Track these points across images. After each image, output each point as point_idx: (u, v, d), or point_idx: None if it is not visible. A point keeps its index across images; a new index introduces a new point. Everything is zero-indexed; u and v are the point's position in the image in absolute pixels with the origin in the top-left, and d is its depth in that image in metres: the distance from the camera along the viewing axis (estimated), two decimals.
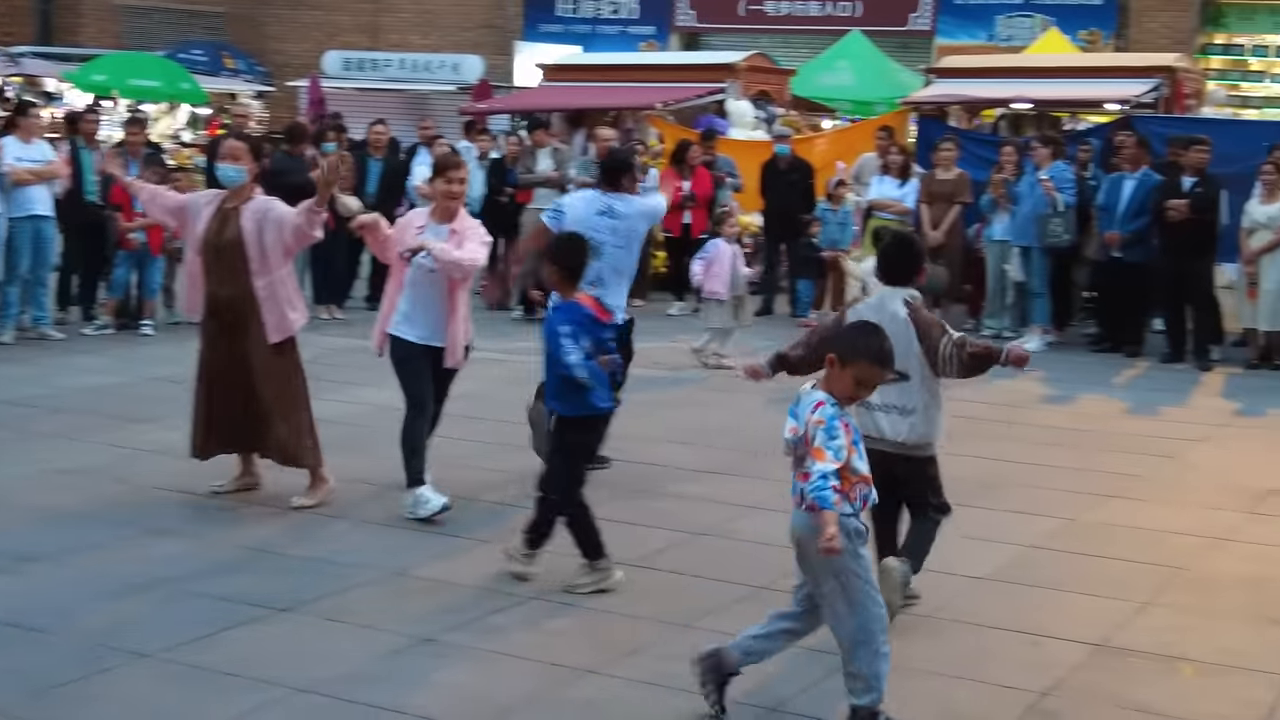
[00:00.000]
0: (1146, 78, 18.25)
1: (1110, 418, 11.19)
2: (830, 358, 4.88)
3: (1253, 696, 5.51)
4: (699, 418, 10.10)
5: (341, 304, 15.58)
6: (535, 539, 6.67)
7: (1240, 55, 24.83)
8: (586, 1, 29.28)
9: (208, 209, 7.79)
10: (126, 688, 5.30)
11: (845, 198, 15.63)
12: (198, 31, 30.97)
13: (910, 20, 26.12)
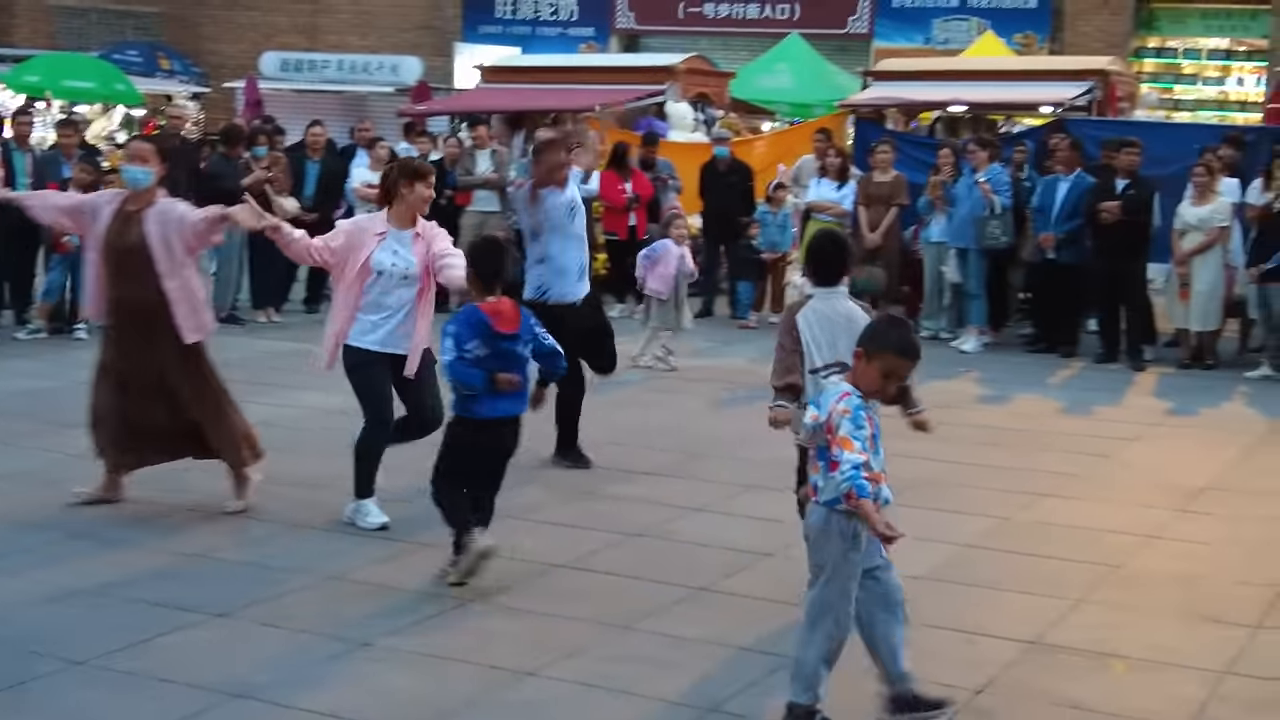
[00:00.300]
0: (1080, 81, 18.43)
1: (1045, 417, 11.29)
2: (857, 351, 4.90)
3: (1184, 693, 5.57)
4: (639, 419, 10.13)
5: (280, 307, 15.53)
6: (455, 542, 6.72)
7: (1173, 59, 25.09)
8: (525, 2, 29.27)
9: (108, 209, 7.67)
10: (59, 694, 5.27)
11: (784, 200, 15.71)
12: (132, 32, 30.76)
13: (848, 23, 26.26)
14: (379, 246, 7.51)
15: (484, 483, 6.86)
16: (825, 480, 4.74)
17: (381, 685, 5.43)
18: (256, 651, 5.76)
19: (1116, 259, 13.49)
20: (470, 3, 29.65)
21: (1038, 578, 6.98)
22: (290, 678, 5.46)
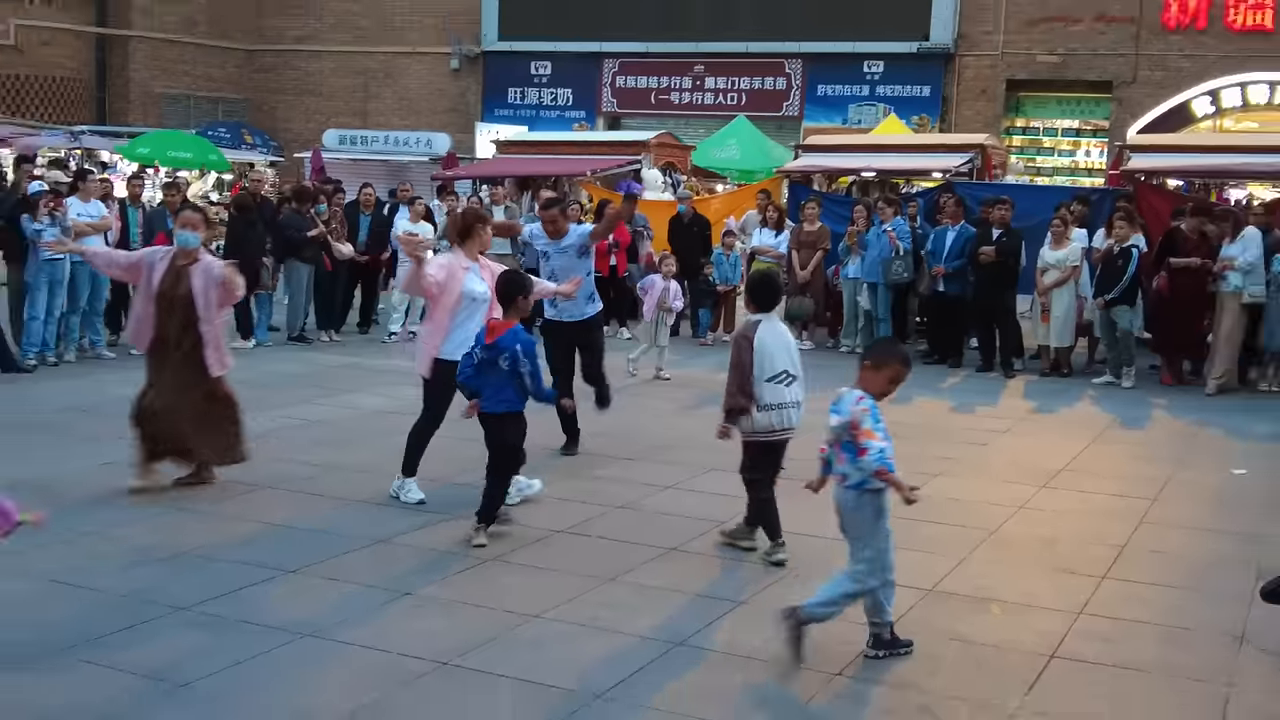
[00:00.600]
0: (963, 153, 18.46)
1: (937, 414, 11.29)
2: (866, 364, 5.29)
3: (1048, 628, 5.63)
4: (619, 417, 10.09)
5: (338, 329, 15.46)
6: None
7: (1035, 135, 25.19)
8: (531, 91, 29.24)
9: (161, 264, 7.67)
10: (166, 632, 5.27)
11: (734, 245, 15.73)
12: (222, 114, 30.72)
13: (783, 108, 26.28)
14: (468, 277, 7.49)
15: (490, 466, 6.87)
16: (853, 467, 4.98)
17: (420, 626, 5.45)
18: (321, 600, 5.78)
19: (992, 291, 13.56)
20: (488, 91, 29.60)
21: (931, 540, 6.98)
22: (348, 620, 5.49)
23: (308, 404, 10.87)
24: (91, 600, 5.66)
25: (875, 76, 25.97)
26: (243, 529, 6.94)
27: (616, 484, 8.18)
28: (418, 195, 17.68)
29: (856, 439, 4.99)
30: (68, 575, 6.00)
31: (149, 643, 5.17)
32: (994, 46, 24.98)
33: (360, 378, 12.39)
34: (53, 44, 28.95)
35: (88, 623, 5.37)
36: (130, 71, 30.36)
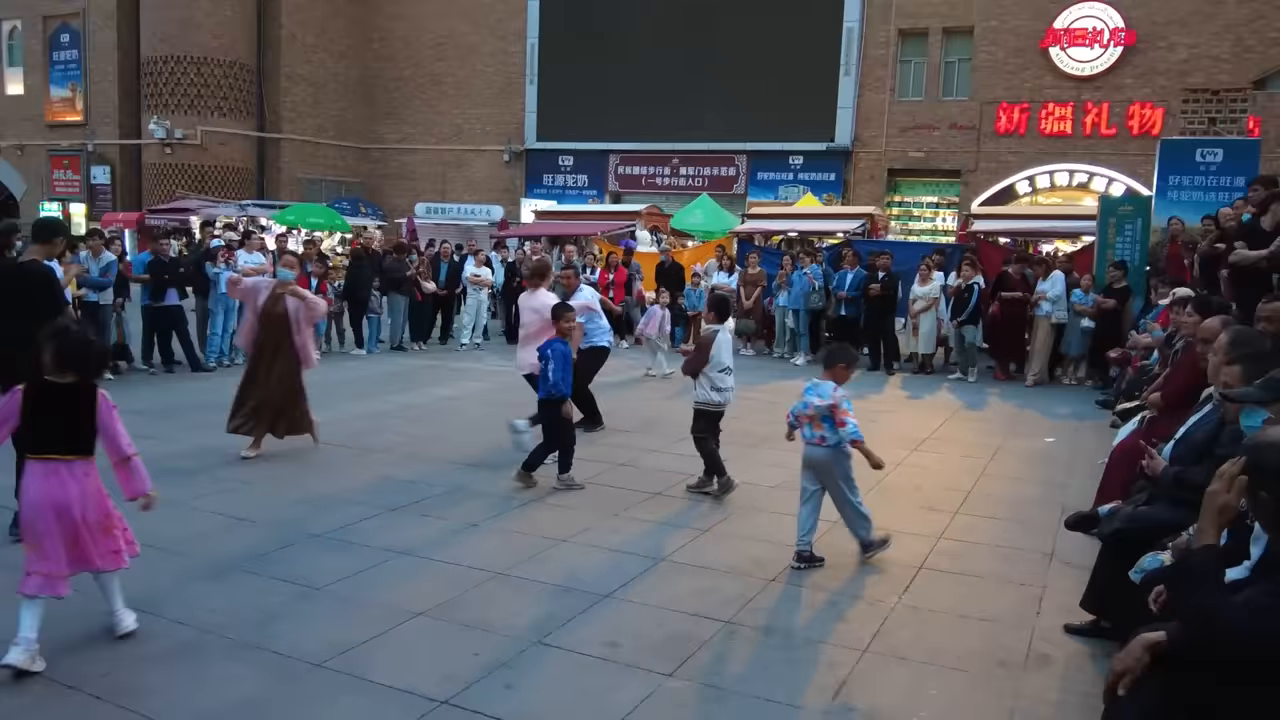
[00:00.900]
0: (858, 219, 18.55)
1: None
2: (840, 365, 5.60)
3: (917, 549, 5.65)
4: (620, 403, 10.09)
5: (425, 341, 15.44)
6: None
7: (908, 207, 25.23)
8: (559, 176, 29.29)
9: (265, 291, 7.60)
10: (303, 554, 5.28)
11: (699, 283, 15.70)
12: (345, 192, 30.68)
13: (733, 188, 26.37)
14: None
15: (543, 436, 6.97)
16: (832, 434, 5.25)
17: (482, 547, 5.46)
18: (413, 529, 5.78)
19: (878, 315, 13.56)
20: (529, 176, 29.66)
21: None
22: (432, 543, 5.50)
23: (403, 393, 10.89)
24: (252, 531, 5.68)
25: (797, 166, 26.02)
26: (357, 480, 6.92)
27: (619, 448, 8.17)
28: (480, 248, 17.76)
29: (836, 416, 5.24)
30: (236, 513, 6.01)
31: (293, 560, 5.19)
32: (879, 146, 25.03)
33: (439, 375, 12.40)
34: (228, 144, 28.89)
35: (251, 546, 5.39)
36: (281, 162, 30.33)
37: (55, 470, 3.88)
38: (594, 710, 3.62)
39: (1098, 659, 4.13)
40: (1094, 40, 22.39)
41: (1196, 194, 12.87)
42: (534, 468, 6.84)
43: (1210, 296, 6.73)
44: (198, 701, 3.59)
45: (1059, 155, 22.97)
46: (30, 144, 31.62)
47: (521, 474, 6.83)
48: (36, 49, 31.15)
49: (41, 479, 3.87)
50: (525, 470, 6.82)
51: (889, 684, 3.92)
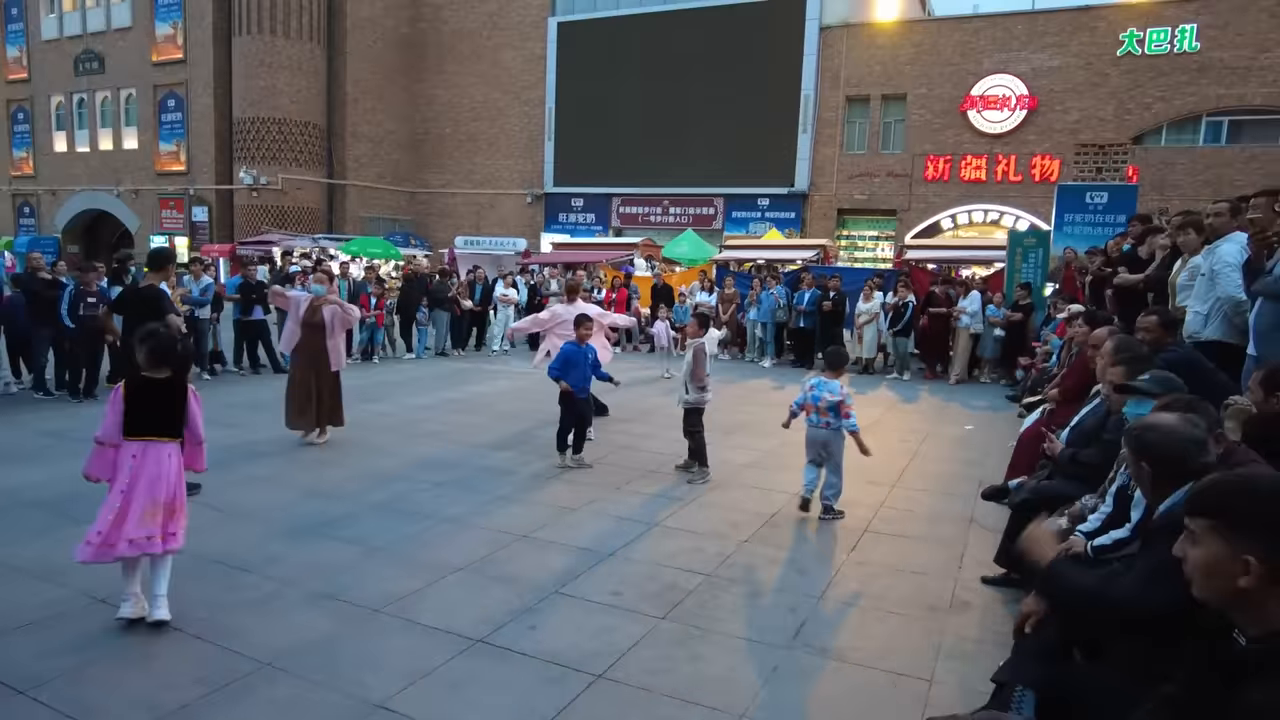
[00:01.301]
0: (813, 249, 18.56)
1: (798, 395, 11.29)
2: (841, 367, 5.82)
3: (862, 515, 5.63)
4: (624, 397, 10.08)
5: (464, 348, 15.40)
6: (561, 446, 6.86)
7: (854, 239, 25.17)
8: (572, 215, 29.21)
9: (304, 303, 7.40)
10: (374, 520, 5.25)
11: (685, 301, 15.67)
12: (398, 228, 30.61)
13: (712, 224, 26.28)
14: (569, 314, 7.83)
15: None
16: (837, 422, 5.55)
17: (509, 514, 5.43)
18: (455, 499, 5.74)
19: (829, 326, 13.50)
20: (548, 214, 29.55)
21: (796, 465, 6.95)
22: (470, 511, 5.47)
23: (446, 390, 10.86)
24: (322, 501, 5.65)
25: (764, 207, 25.97)
26: (409, 459, 6.90)
27: (621, 434, 8.15)
28: (510, 272, 17.71)
29: (842, 409, 5.55)
30: (309, 486, 5.99)
31: (356, 525, 5.16)
32: (830, 190, 24.99)
33: (476, 375, 12.36)
34: (303, 189, 28.82)
35: (322, 513, 5.37)
36: (346, 203, 30.24)
37: (148, 448, 3.78)
38: (602, 646, 3.61)
39: (1008, 604, 4.13)
40: (1004, 104, 22.42)
41: (1087, 229, 12.91)
42: (563, 448, 6.84)
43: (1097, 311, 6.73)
44: (279, 640, 3.58)
45: (976, 197, 22.98)
46: (143, 189, 31.54)
47: (560, 456, 6.83)
48: (149, 112, 31.09)
49: (140, 456, 3.76)
50: (560, 451, 6.83)
51: (840, 625, 3.91)
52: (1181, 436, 2.39)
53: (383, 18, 30.41)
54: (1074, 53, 21.61)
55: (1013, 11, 22.65)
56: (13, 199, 36.15)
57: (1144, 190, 17.66)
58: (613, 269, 18.52)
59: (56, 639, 3.54)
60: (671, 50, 26.61)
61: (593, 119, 28.24)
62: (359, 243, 23.57)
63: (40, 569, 4.27)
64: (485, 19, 30.08)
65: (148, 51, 30.57)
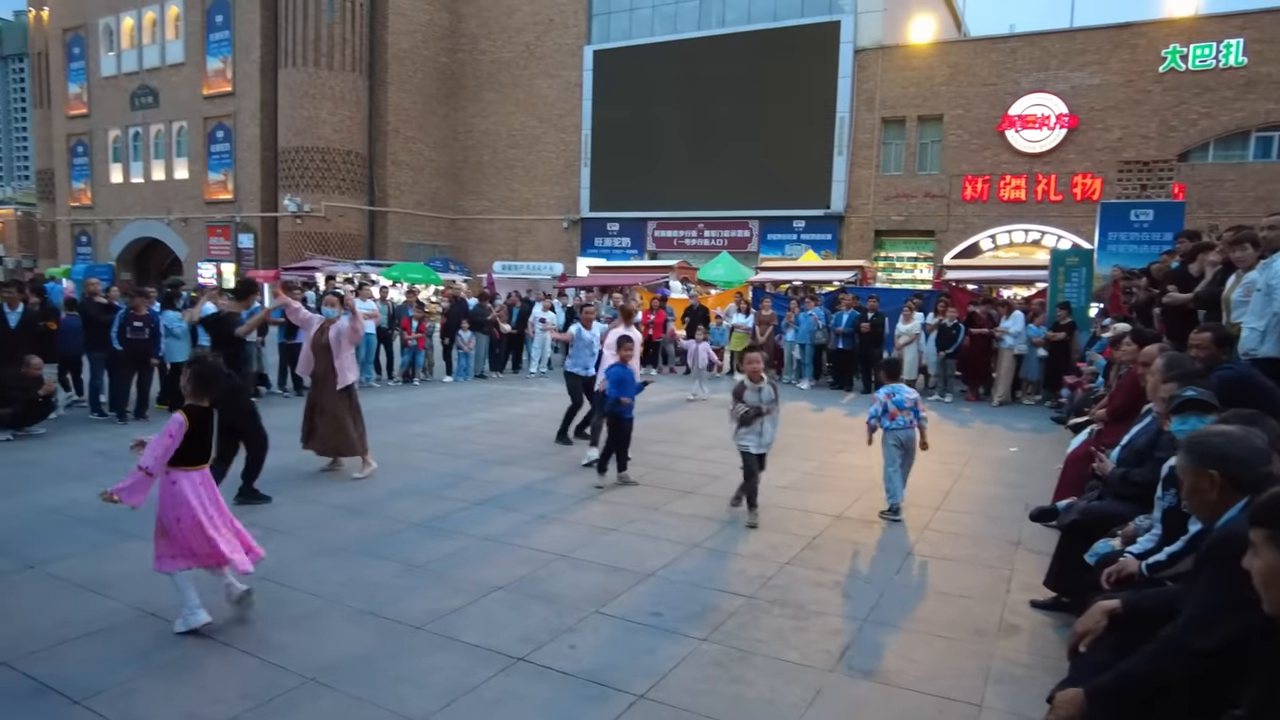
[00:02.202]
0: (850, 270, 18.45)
1: (838, 417, 11.13)
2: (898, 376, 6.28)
3: (902, 537, 5.52)
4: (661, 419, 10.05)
5: (502, 370, 15.53)
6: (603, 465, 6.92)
7: (891, 260, 24.97)
8: (608, 238, 29.43)
9: (317, 324, 7.23)
10: (409, 539, 5.27)
11: (721, 323, 15.68)
12: (438, 254, 31.11)
13: (747, 247, 26.27)
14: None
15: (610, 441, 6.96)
16: (916, 420, 6.05)
17: (549, 534, 5.43)
18: (494, 519, 5.76)
19: (869, 347, 13.40)
20: (584, 239, 29.80)
21: (837, 487, 6.91)
22: (509, 530, 5.47)
23: (484, 411, 10.94)
24: (365, 520, 5.71)
25: (800, 229, 25.91)
26: (447, 479, 6.94)
27: (658, 455, 8.12)
28: (548, 294, 17.87)
29: (919, 406, 6.06)
30: (351, 505, 6.05)
31: (398, 543, 5.20)
32: (867, 211, 24.86)
33: (513, 397, 12.44)
34: (345, 216, 29.46)
35: (364, 532, 5.42)
36: (388, 230, 30.82)
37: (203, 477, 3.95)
38: (643, 667, 3.58)
39: (1059, 628, 4.02)
40: (1043, 124, 22.17)
41: (1131, 247, 12.65)
42: (605, 468, 6.86)
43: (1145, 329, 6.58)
44: (322, 656, 3.61)
45: (1015, 217, 22.68)
46: (192, 216, 32.51)
47: (600, 476, 6.84)
48: (198, 143, 32.11)
49: (197, 485, 3.89)
50: (600, 471, 6.85)
51: (885, 648, 3.83)
52: (1248, 443, 2.33)
53: (422, 48, 31.13)
54: (1114, 70, 21.33)
55: (1050, 31, 22.46)
56: (71, 228, 37.49)
57: (1191, 207, 17.28)
58: (649, 292, 18.60)
59: (109, 651, 3.62)
60: (706, 75, 26.82)
61: (627, 144, 28.52)
62: (400, 268, 24.00)
63: (93, 582, 4.37)
64: (522, 48, 30.64)
65: (199, 85, 31.64)
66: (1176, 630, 2.16)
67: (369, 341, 12.98)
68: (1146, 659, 2.18)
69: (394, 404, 11.44)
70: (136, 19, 33.62)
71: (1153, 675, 2.15)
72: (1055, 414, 10.88)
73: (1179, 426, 3.26)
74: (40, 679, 3.36)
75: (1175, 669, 2.11)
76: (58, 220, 38.45)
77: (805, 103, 25.26)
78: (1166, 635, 2.17)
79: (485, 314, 14.94)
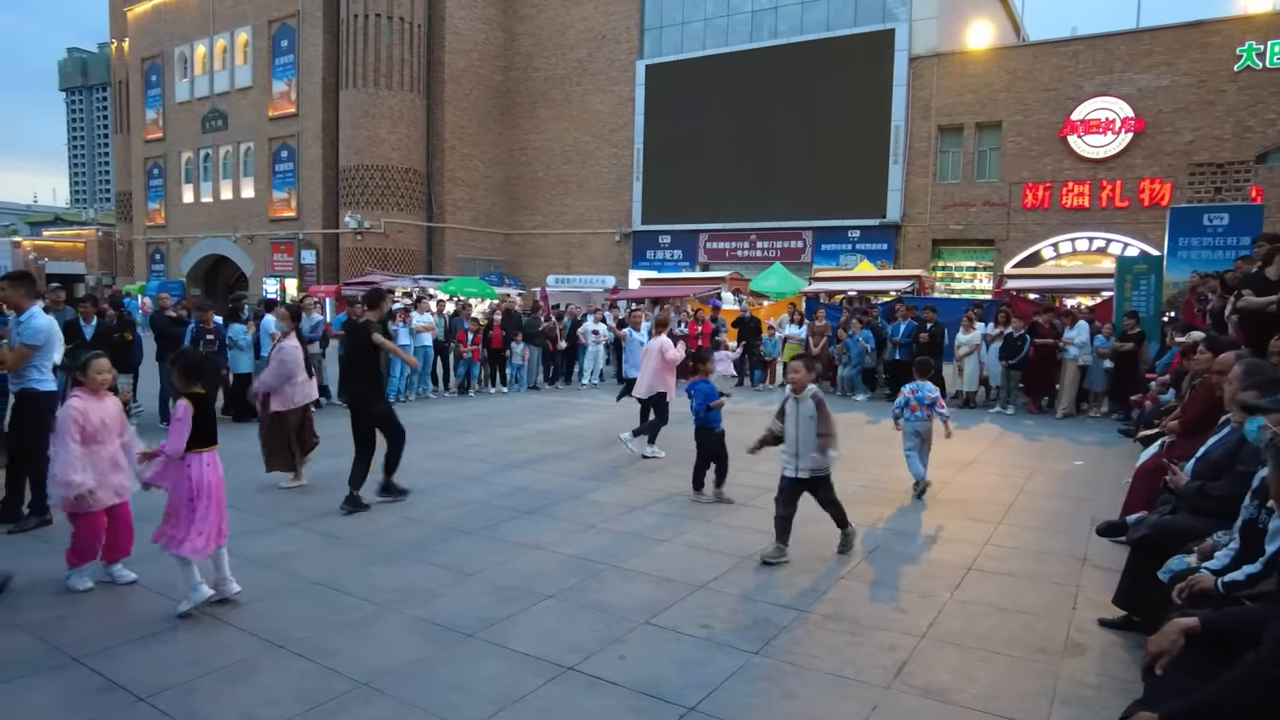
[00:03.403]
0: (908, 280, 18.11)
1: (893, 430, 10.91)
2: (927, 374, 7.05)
3: (965, 553, 5.38)
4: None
5: (555, 383, 15.62)
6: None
7: (950, 270, 24.47)
8: (660, 250, 29.49)
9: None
10: (460, 546, 5.28)
11: (774, 334, 15.54)
12: (493, 269, 31.58)
13: (800, 258, 26.03)
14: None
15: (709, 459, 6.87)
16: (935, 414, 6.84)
17: (597, 543, 5.41)
18: (544, 528, 5.76)
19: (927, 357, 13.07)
20: (635, 252, 29.93)
21: (894, 501, 6.75)
22: (559, 540, 5.45)
23: (538, 422, 11.02)
24: (419, 528, 5.77)
25: (855, 239, 25.59)
26: (499, 489, 6.97)
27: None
28: (599, 308, 17.98)
29: (938, 403, 6.82)
30: (406, 513, 6.13)
31: (451, 551, 5.24)
32: (924, 221, 24.42)
33: (566, 408, 12.50)
34: (404, 232, 30.15)
35: (418, 539, 5.48)
36: (444, 245, 31.43)
37: (213, 456, 4.32)
38: (693, 679, 3.53)
39: (1129, 649, 3.83)
40: (1107, 128, 21.51)
41: (1205, 253, 12.13)
42: (700, 485, 6.76)
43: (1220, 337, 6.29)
44: (375, 661, 3.65)
45: (1079, 225, 22.03)
46: (257, 234, 33.65)
47: (696, 494, 6.73)
48: (264, 163, 33.25)
49: (206, 466, 4.26)
50: (696, 488, 6.75)
51: (943, 665, 3.71)
52: None
53: (478, 67, 31.76)
54: (1184, 70, 20.60)
55: (1115, 32, 21.82)
56: (146, 247, 39.17)
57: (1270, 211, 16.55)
58: (699, 303, 18.56)
59: (172, 650, 3.72)
60: (758, 86, 26.75)
61: (679, 157, 28.59)
62: (456, 282, 24.41)
63: (159, 585, 4.50)
64: (575, 65, 31.01)
65: (264, 108, 32.81)
66: (1261, 657, 2.03)
67: (426, 354, 13.20)
68: (1227, 686, 2.05)
69: (449, 415, 11.59)
70: (209, 46, 35.05)
71: (1234, 704, 2.02)
72: (1123, 427, 10.48)
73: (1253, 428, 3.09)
74: (109, 676, 3.47)
75: (1258, 698, 1.98)
76: (134, 239, 40.21)
77: (859, 112, 24.99)
78: (1250, 662, 2.05)
79: (538, 325, 15.09)
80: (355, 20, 29.13)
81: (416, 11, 29.77)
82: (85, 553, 4.45)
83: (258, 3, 32.75)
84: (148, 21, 37.86)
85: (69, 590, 4.41)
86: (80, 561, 4.46)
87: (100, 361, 4.50)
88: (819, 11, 26.26)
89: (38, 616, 4.09)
